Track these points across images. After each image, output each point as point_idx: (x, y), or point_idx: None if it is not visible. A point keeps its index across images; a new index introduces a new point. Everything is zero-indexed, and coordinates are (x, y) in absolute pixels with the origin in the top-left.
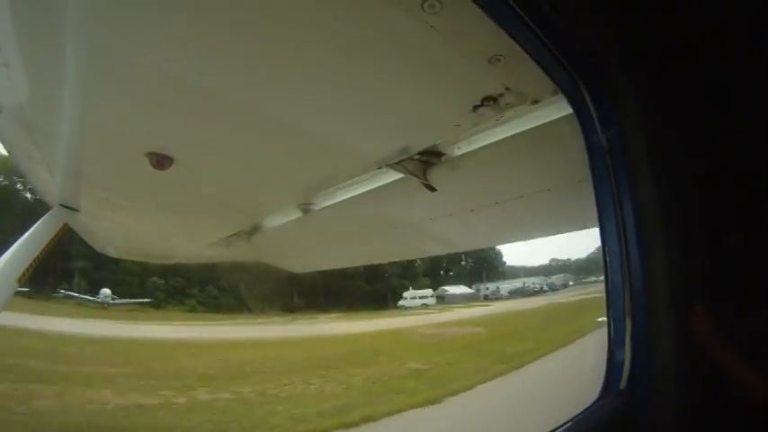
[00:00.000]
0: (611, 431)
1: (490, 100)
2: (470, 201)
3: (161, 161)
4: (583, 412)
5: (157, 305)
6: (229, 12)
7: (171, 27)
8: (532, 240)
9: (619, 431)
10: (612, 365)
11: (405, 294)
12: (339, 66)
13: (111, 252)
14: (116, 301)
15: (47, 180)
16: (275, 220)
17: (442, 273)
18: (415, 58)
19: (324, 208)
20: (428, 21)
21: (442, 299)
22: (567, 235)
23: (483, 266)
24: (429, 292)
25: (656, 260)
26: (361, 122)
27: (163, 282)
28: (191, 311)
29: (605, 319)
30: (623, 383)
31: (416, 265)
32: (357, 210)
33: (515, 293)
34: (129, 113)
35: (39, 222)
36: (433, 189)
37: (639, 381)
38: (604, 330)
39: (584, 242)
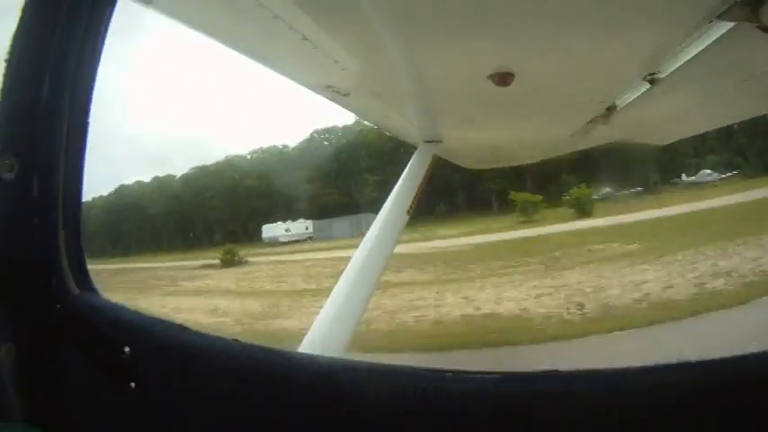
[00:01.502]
0: None
1: None
2: None
3: (503, 79)
4: None
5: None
6: None
7: None
8: None
9: None
10: None
11: None
12: None
13: (479, 166)
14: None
15: (405, 126)
16: (626, 99)
17: None
18: None
19: (669, 75)
20: None
21: None
22: None
23: None
24: None
25: None
26: None
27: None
28: None
29: None
30: None
31: None
32: (701, 69)
33: None
34: (462, 44)
35: (411, 161)
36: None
37: None
38: None
39: None
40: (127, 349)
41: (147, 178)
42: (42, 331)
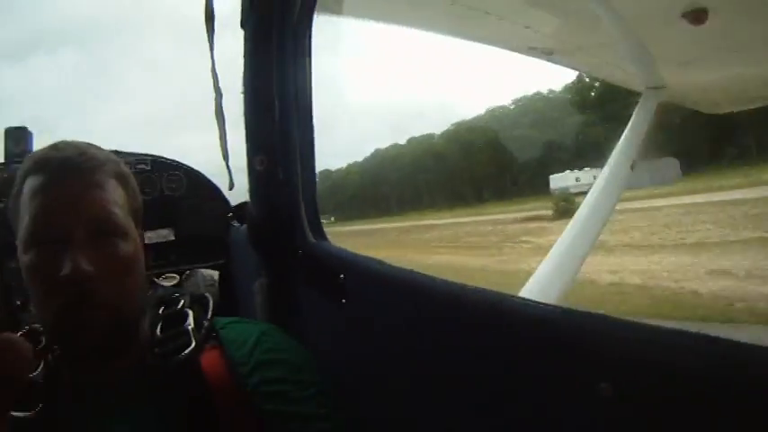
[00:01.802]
0: None
1: None
2: None
3: (697, 17)
4: None
5: None
6: None
7: None
8: None
9: None
10: None
11: None
12: None
13: (717, 110)
14: None
15: (623, 75)
16: None
17: None
18: None
19: None
20: None
21: None
22: None
23: None
24: None
25: None
26: None
27: None
28: None
29: None
30: None
31: None
32: None
33: None
34: None
35: (636, 111)
36: None
37: None
38: None
39: None
40: (342, 276)
41: (401, 141)
42: (288, 268)
